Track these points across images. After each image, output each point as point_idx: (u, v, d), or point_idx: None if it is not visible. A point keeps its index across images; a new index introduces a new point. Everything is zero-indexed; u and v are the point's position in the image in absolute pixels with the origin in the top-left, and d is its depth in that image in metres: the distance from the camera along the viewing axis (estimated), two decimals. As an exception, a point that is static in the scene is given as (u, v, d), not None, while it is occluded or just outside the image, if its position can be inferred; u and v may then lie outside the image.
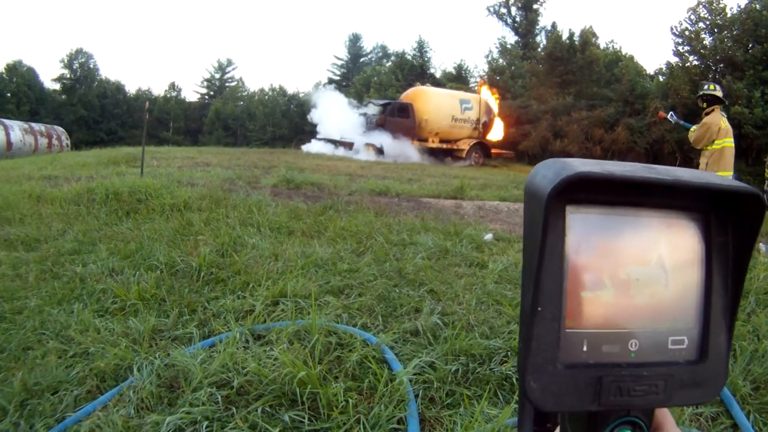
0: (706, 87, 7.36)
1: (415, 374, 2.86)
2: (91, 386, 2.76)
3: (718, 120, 7.01)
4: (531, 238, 0.53)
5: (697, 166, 7.36)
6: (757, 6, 28.20)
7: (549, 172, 0.52)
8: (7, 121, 24.48)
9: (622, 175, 0.51)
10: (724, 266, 0.57)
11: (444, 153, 25.55)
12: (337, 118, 25.37)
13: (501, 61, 42.96)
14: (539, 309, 0.51)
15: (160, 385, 2.67)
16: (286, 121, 51.30)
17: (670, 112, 8.68)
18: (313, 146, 25.02)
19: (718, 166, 6.91)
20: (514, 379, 2.84)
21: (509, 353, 3.12)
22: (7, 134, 23.43)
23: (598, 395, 0.53)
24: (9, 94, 47.66)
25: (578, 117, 30.96)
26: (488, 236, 6.42)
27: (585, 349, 0.53)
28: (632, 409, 0.55)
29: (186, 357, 2.84)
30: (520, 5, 47.40)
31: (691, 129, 7.38)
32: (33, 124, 26.75)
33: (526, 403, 0.57)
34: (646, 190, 0.54)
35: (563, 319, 0.52)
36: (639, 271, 0.55)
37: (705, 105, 7.23)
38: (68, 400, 2.63)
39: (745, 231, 0.57)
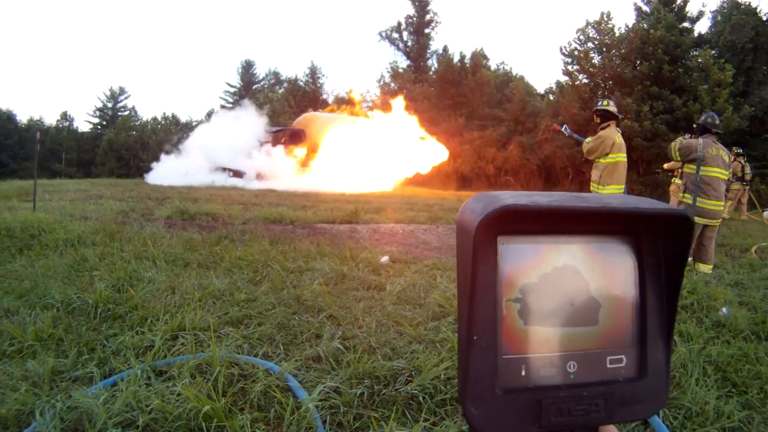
0: (599, 103, 7.67)
1: (320, 400, 2.92)
2: (-9, 435, 2.70)
3: (613, 135, 7.29)
4: (463, 270, 0.54)
5: (588, 180, 7.82)
6: (645, 25, 30.66)
7: (477, 205, 0.53)
8: None
9: (549, 206, 0.53)
10: (658, 285, 0.59)
11: None
12: (230, 144, 24.82)
13: (393, 85, 43.93)
14: (475, 338, 0.53)
15: (64, 429, 2.62)
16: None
17: (564, 126, 8.93)
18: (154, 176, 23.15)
19: (611, 179, 7.20)
20: (421, 398, 2.98)
21: (413, 373, 3.24)
22: None
23: (538, 417, 0.54)
24: None
25: (470, 138, 32.19)
26: (384, 258, 6.60)
27: (523, 373, 0.55)
28: (575, 429, 0.56)
29: (88, 398, 2.78)
30: (411, 30, 48.87)
31: (586, 140, 7.65)
32: None
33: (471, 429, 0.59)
34: (575, 218, 0.56)
35: (500, 347, 0.54)
36: (574, 295, 0.57)
37: (599, 120, 7.54)
38: (-34, 452, 2.56)
39: (676, 250, 0.59)
